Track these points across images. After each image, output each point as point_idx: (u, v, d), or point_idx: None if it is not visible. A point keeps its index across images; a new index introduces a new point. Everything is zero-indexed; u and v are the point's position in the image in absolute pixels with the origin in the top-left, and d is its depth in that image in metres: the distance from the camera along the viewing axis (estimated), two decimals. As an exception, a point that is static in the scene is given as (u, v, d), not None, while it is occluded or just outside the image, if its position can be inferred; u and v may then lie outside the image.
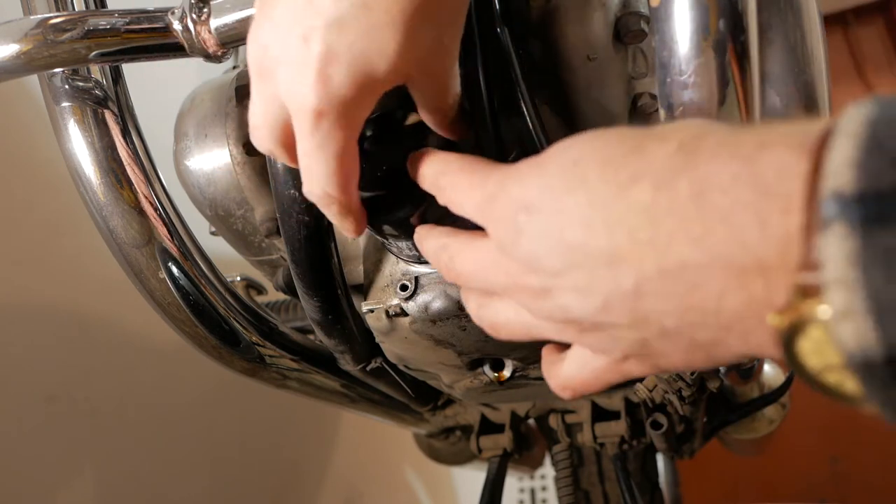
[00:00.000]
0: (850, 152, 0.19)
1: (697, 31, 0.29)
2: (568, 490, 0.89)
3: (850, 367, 0.20)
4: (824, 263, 0.19)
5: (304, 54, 0.29)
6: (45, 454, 0.82)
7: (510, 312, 0.32)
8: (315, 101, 0.30)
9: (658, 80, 0.31)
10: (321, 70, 0.29)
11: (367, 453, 1.50)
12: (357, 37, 0.29)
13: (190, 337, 0.54)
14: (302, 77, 0.30)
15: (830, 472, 2.28)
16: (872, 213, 0.18)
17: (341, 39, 0.29)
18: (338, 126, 0.30)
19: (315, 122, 0.30)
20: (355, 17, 0.28)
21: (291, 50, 0.30)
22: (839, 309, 0.19)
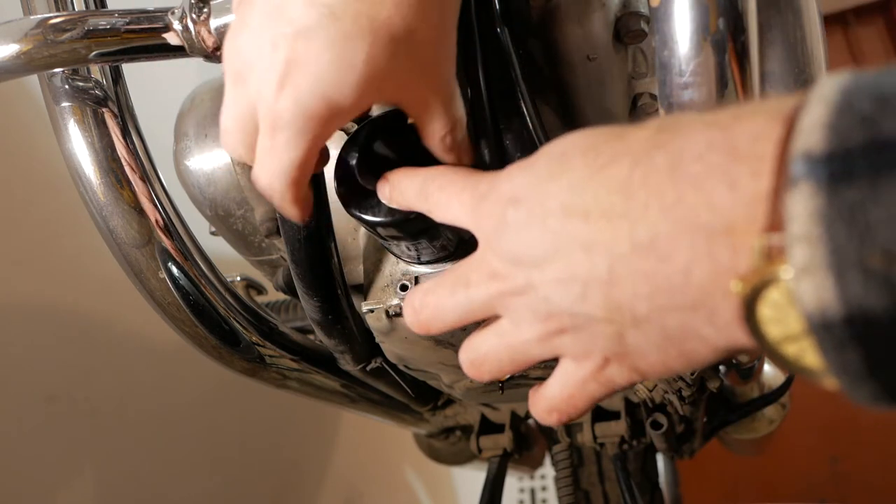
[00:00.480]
0: (822, 114, 0.19)
1: (697, 31, 0.29)
2: (568, 490, 0.89)
3: (809, 329, 0.19)
4: (789, 222, 0.19)
5: (272, 60, 0.29)
6: (45, 454, 0.81)
7: (491, 340, 0.31)
8: (279, 107, 0.30)
9: (658, 80, 0.31)
10: (286, 77, 0.29)
11: (367, 453, 1.50)
12: (324, 47, 0.28)
13: (190, 337, 0.54)
14: (268, 82, 0.30)
15: (830, 472, 2.28)
16: (839, 171, 0.18)
17: (308, 48, 0.28)
18: (300, 133, 0.30)
19: (276, 126, 0.30)
20: (323, 27, 0.28)
21: (261, 55, 0.30)
22: (800, 265, 0.19)
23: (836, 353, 0.19)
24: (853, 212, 0.18)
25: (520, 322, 0.29)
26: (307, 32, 0.28)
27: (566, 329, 0.28)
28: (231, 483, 1.10)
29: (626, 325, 0.26)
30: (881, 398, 0.20)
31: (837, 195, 0.18)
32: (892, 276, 0.18)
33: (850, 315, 0.18)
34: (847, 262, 0.18)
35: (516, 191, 0.28)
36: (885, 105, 0.18)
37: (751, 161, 0.21)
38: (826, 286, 0.18)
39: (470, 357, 0.33)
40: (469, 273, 0.31)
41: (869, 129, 0.18)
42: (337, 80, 0.29)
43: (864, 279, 0.18)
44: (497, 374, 0.32)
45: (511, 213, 0.28)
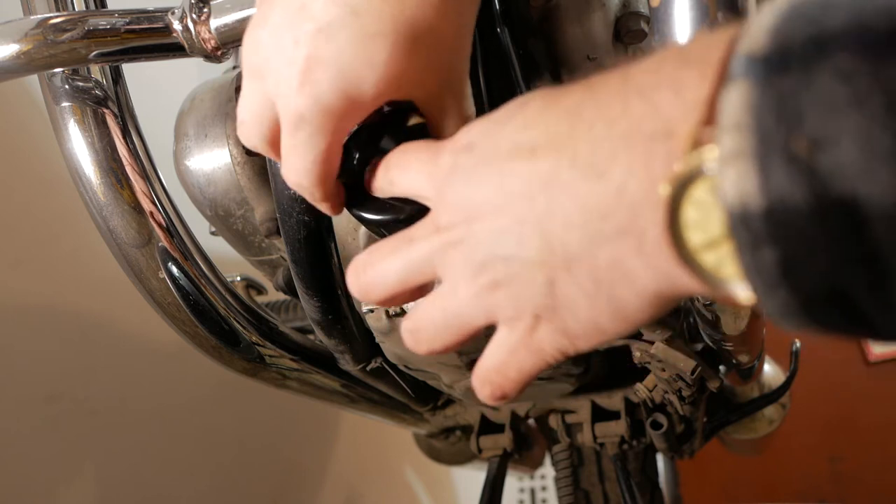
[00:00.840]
0: (769, 20, 0.19)
1: (697, 31, 0.29)
2: (568, 490, 0.89)
3: (729, 226, 0.19)
4: (721, 115, 0.19)
5: (293, 57, 0.29)
6: (45, 454, 0.81)
7: (427, 304, 0.30)
8: (299, 104, 0.30)
9: (658, 80, 0.31)
10: (307, 74, 0.29)
11: (367, 453, 1.50)
12: (345, 44, 0.28)
13: (190, 337, 0.54)
14: (289, 79, 0.30)
15: (830, 472, 2.28)
16: (776, 65, 0.18)
17: (329, 45, 0.29)
18: (321, 130, 0.30)
19: (297, 124, 0.30)
20: (345, 25, 0.28)
21: (282, 51, 0.30)
22: (725, 153, 0.18)
23: (752, 252, 0.19)
24: (784, 99, 0.18)
25: (455, 279, 0.28)
26: (329, 29, 0.28)
27: (500, 282, 0.26)
28: (231, 483, 1.10)
29: (557, 267, 0.24)
30: (791, 310, 0.19)
31: (771, 86, 0.18)
32: (816, 165, 0.17)
33: (770, 208, 0.18)
34: (772, 148, 0.18)
35: (471, 138, 0.28)
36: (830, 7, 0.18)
37: (699, 66, 0.21)
38: (749, 175, 0.18)
39: (408, 326, 0.31)
40: (415, 231, 0.30)
41: (810, 26, 0.18)
42: (357, 77, 0.29)
43: (786, 168, 0.17)
44: (434, 343, 0.30)
45: (462, 159, 0.27)
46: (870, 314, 0.18)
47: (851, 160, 0.17)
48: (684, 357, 0.55)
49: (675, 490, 1.31)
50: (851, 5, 0.18)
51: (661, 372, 0.59)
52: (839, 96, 0.17)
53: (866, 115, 0.16)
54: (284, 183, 0.43)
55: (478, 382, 0.31)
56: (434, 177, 0.29)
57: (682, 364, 0.55)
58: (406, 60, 0.29)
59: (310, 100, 0.29)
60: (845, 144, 0.17)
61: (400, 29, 0.29)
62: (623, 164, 0.22)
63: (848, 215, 0.17)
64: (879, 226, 0.17)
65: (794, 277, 0.18)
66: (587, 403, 0.78)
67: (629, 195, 0.22)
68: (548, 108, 0.25)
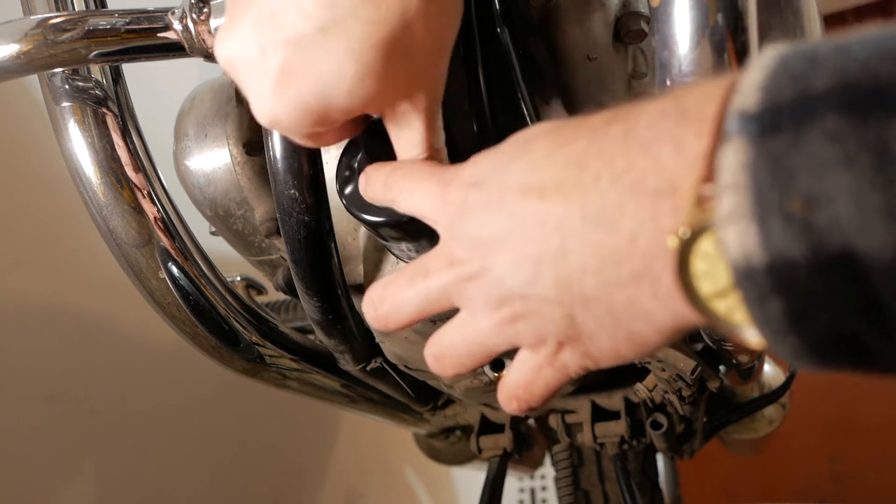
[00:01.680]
0: (758, 77, 0.20)
1: (697, 31, 0.29)
2: (568, 490, 0.89)
3: (735, 280, 0.20)
4: (719, 173, 0.20)
5: (262, 66, 0.29)
6: (45, 454, 0.81)
7: (450, 332, 0.31)
8: (268, 113, 0.30)
9: (658, 80, 0.31)
10: (276, 83, 0.29)
11: (367, 453, 1.50)
12: (314, 58, 0.28)
13: (190, 337, 0.54)
14: (257, 87, 0.30)
15: (830, 472, 2.28)
16: (768, 124, 0.19)
17: (298, 57, 0.29)
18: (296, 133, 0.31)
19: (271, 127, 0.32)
20: (314, 39, 0.28)
21: (249, 59, 0.30)
22: (727, 213, 0.19)
23: (759, 304, 0.19)
24: (777, 159, 0.18)
25: (475, 311, 0.29)
26: (298, 42, 0.28)
27: (519, 315, 0.28)
28: (231, 483, 1.10)
29: (575, 305, 0.25)
30: (802, 354, 0.20)
31: (764, 145, 0.19)
32: (812, 222, 0.18)
33: (772, 263, 0.19)
34: (769, 208, 0.18)
35: (479, 175, 0.28)
36: (816, 64, 0.19)
37: (697, 122, 0.21)
38: (749, 232, 0.19)
39: (432, 352, 0.33)
40: (429, 262, 0.31)
41: (798, 84, 0.19)
42: (326, 91, 0.29)
43: (784, 225, 0.18)
44: (459, 368, 0.32)
45: (472, 196, 0.28)
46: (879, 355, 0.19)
47: (846, 217, 0.17)
48: (684, 357, 0.55)
49: (675, 490, 1.31)
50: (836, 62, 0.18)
51: (661, 372, 0.59)
52: (829, 157, 0.18)
53: (856, 174, 0.17)
54: (284, 183, 0.43)
55: (504, 398, 0.32)
56: (444, 211, 0.30)
57: (682, 364, 0.55)
58: (376, 78, 0.29)
59: (278, 111, 0.30)
60: (839, 202, 0.17)
61: (371, 49, 0.28)
62: (632, 217, 0.23)
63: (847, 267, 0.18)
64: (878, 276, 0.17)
65: (801, 326, 0.19)
66: (587, 403, 0.78)
67: (640, 246, 0.23)
68: (554, 153, 0.26)
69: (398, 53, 0.29)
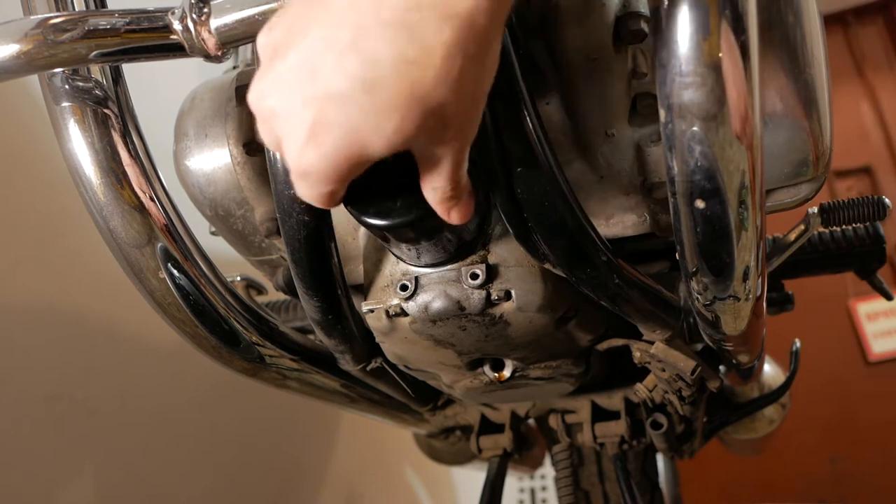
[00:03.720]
0: None
1: (697, 31, 0.29)
2: (568, 490, 0.89)
3: None
4: None
5: (299, 117, 0.30)
6: (45, 454, 0.81)
7: None
8: (303, 162, 0.31)
9: (658, 80, 0.31)
10: (311, 135, 0.30)
11: (367, 453, 1.50)
12: (355, 114, 0.29)
13: (190, 337, 0.54)
14: (293, 136, 0.30)
15: (830, 472, 2.28)
16: None
17: (338, 113, 0.29)
18: (323, 181, 0.32)
19: (300, 175, 0.32)
20: (357, 97, 0.28)
21: (289, 109, 0.30)
22: None
23: None
24: None
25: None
26: (339, 98, 0.29)
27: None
28: (231, 483, 1.10)
29: None
30: None
31: None
32: None
33: None
34: None
35: None
36: None
37: None
38: None
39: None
40: None
41: None
42: (362, 142, 0.30)
43: None
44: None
45: None
46: None
47: None
48: (684, 357, 0.55)
49: (675, 490, 1.31)
50: None
51: (661, 372, 0.59)
52: None
53: None
54: (284, 183, 0.43)
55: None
56: None
57: (682, 364, 0.55)
58: (414, 131, 0.30)
59: (313, 159, 0.31)
60: None
61: (412, 105, 0.29)
62: None
63: None
64: None
65: None
66: (587, 403, 0.78)
67: None
68: None
69: (439, 109, 0.30)
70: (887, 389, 2.32)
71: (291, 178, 0.33)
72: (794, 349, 0.89)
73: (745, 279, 0.40)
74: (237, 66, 0.64)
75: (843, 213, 0.57)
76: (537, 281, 0.48)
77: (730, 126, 0.31)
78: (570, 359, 0.59)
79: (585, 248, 0.44)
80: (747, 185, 0.34)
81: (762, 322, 0.51)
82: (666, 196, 0.42)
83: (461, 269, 0.48)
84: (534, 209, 0.42)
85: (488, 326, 0.50)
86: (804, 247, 0.77)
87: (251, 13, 0.37)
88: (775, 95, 0.43)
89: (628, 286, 0.48)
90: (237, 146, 0.55)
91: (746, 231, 0.36)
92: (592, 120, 0.49)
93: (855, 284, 2.25)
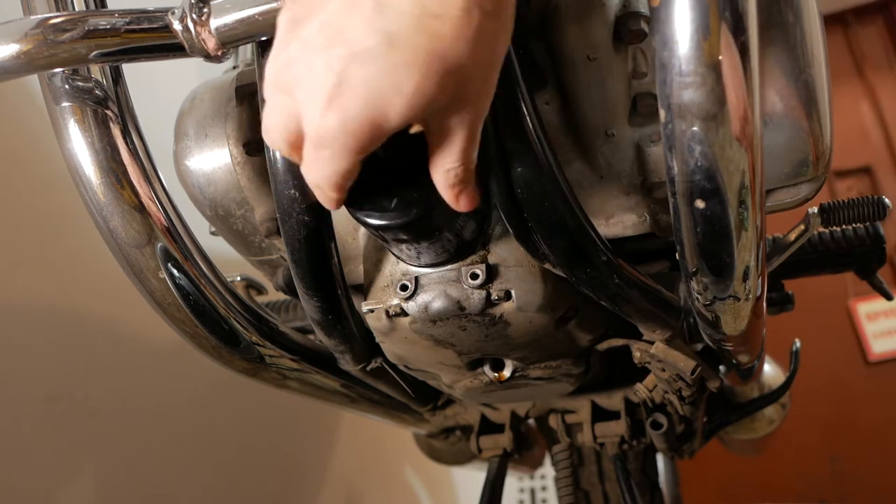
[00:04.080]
0: None
1: (697, 31, 0.29)
2: (568, 490, 0.89)
3: None
4: None
5: (324, 79, 0.30)
6: (45, 454, 0.81)
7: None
8: (324, 126, 0.31)
9: (658, 80, 0.31)
10: (335, 97, 0.30)
11: (367, 453, 1.50)
12: (377, 72, 0.29)
13: (190, 337, 0.54)
14: (316, 100, 0.31)
15: (830, 472, 2.28)
16: None
17: (361, 71, 0.29)
18: (343, 150, 0.32)
19: (321, 143, 0.32)
20: (379, 53, 0.29)
21: (313, 72, 0.31)
22: None
23: None
24: None
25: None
26: (363, 56, 0.29)
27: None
28: (231, 483, 1.10)
29: None
30: None
31: None
32: None
33: None
34: None
35: None
36: None
37: None
38: None
39: None
40: None
41: None
42: (385, 104, 0.30)
43: None
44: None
45: None
46: None
47: None
48: (684, 357, 0.55)
49: (675, 490, 1.31)
50: None
51: (661, 372, 0.59)
52: None
53: None
54: (284, 183, 0.43)
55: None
56: None
57: (682, 364, 0.55)
58: (434, 91, 0.30)
59: (335, 123, 0.31)
60: None
61: (432, 61, 0.29)
62: None
63: None
64: None
65: None
66: (587, 403, 0.78)
67: None
68: None
69: (457, 67, 0.30)
70: (887, 389, 2.32)
71: (307, 160, 0.33)
72: (794, 349, 0.89)
73: (745, 279, 0.40)
74: (237, 66, 0.64)
75: (843, 213, 0.57)
76: (537, 281, 0.48)
77: (730, 126, 0.31)
78: (570, 359, 0.59)
79: (585, 248, 0.44)
80: (747, 185, 0.34)
81: (762, 322, 0.51)
82: (666, 196, 0.42)
83: (461, 269, 0.48)
84: (534, 209, 0.42)
85: (488, 326, 0.50)
86: (804, 247, 0.77)
87: (251, 13, 0.37)
88: (775, 95, 0.43)
89: (628, 286, 0.48)
90: (237, 146, 0.55)
91: (746, 231, 0.36)
92: (592, 120, 0.49)
93: (855, 284, 2.25)
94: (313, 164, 0.33)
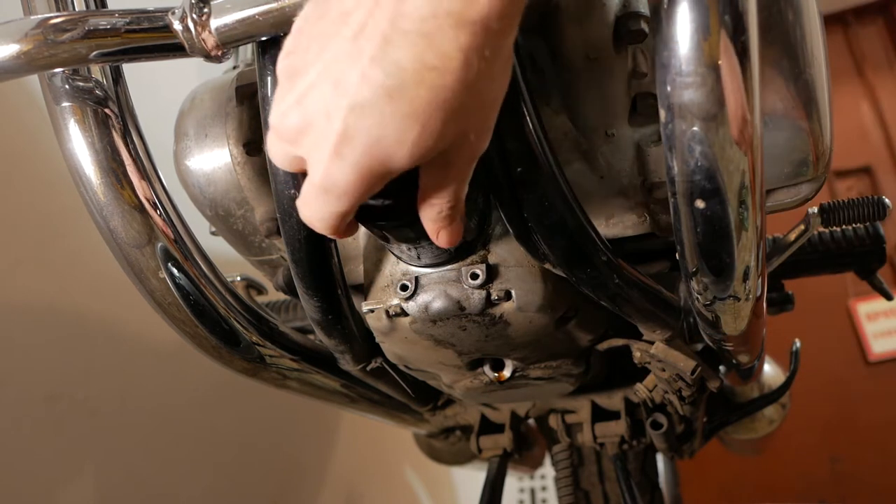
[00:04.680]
0: None
1: (697, 31, 0.29)
2: (568, 490, 0.89)
3: None
4: None
5: (324, 131, 0.30)
6: (45, 454, 0.81)
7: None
8: (329, 175, 0.31)
9: (658, 80, 0.31)
10: (338, 148, 0.30)
11: (367, 453, 1.50)
12: (376, 123, 0.29)
13: (190, 337, 0.54)
14: (320, 151, 0.31)
15: (830, 472, 2.28)
16: None
17: (361, 123, 0.29)
18: (345, 196, 0.32)
19: (324, 189, 0.32)
20: (378, 105, 0.29)
21: (314, 124, 0.31)
22: None
23: None
24: None
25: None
26: (361, 108, 0.29)
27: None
28: (231, 483, 1.10)
29: None
30: None
31: None
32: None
33: None
34: None
35: None
36: None
37: None
38: None
39: None
40: None
41: None
42: (387, 154, 0.30)
43: None
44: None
45: None
46: None
47: None
48: (684, 357, 0.55)
49: (675, 490, 1.31)
50: None
51: (661, 372, 0.59)
52: None
53: None
54: (284, 183, 0.43)
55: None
56: None
57: (682, 364, 0.55)
58: (436, 139, 0.30)
59: (339, 173, 0.31)
60: None
61: (433, 111, 0.29)
62: None
63: None
64: None
65: None
66: (587, 403, 0.78)
67: None
68: None
69: (459, 115, 0.30)
70: (887, 389, 2.32)
71: (307, 198, 0.34)
72: (794, 349, 0.89)
73: (745, 279, 0.40)
74: (237, 66, 0.64)
75: (843, 213, 0.57)
76: (537, 281, 0.48)
77: (730, 126, 0.31)
78: (570, 359, 0.59)
79: (585, 248, 0.44)
80: (747, 185, 0.34)
81: (762, 322, 0.51)
82: (666, 196, 0.42)
83: (461, 269, 0.48)
84: (534, 209, 0.42)
85: (488, 326, 0.50)
86: (804, 247, 0.77)
87: (251, 13, 0.37)
88: (775, 95, 0.43)
89: (628, 286, 0.48)
90: (237, 146, 0.55)
91: (746, 231, 0.36)
92: (592, 120, 0.49)
93: (855, 284, 2.25)
94: (313, 203, 0.34)
